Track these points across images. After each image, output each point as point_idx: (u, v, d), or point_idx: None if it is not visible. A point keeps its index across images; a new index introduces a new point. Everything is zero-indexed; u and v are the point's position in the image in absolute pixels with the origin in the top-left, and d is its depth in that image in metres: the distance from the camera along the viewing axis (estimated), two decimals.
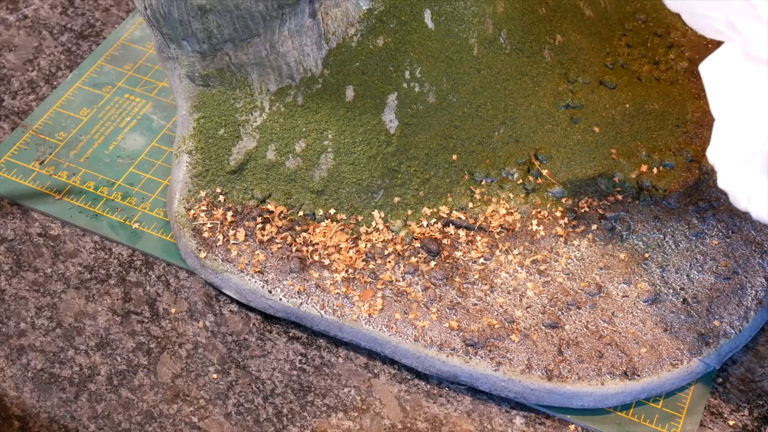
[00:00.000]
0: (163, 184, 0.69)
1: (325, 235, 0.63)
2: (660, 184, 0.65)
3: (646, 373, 0.57)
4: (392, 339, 0.59)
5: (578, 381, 0.57)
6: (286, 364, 0.60)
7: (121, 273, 0.65)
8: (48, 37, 0.80)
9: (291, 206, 0.64)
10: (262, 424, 0.58)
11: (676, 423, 0.57)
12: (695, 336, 0.59)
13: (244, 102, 0.64)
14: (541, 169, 0.65)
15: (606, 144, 0.67)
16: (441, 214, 0.64)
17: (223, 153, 0.64)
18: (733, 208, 0.64)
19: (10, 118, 0.74)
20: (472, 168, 0.65)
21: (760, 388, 0.59)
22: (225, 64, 0.62)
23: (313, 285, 0.61)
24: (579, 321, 0.59)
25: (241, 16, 0.59)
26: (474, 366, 0.57)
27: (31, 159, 0.71)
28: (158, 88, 0.76)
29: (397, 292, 0.61)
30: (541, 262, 0.62)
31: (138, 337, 0.62)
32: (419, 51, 0.63)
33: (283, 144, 0.64)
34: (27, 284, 0.64)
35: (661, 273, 0.62)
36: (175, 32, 0.60)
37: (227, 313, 0.63)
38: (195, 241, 0.63)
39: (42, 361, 0.60)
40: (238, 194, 0.64)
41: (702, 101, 0.70)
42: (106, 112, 0.74)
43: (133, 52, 0.78)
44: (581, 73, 0.70)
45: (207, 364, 0.60)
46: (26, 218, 0.68)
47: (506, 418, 0.58)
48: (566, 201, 0.65)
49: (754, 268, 0.61)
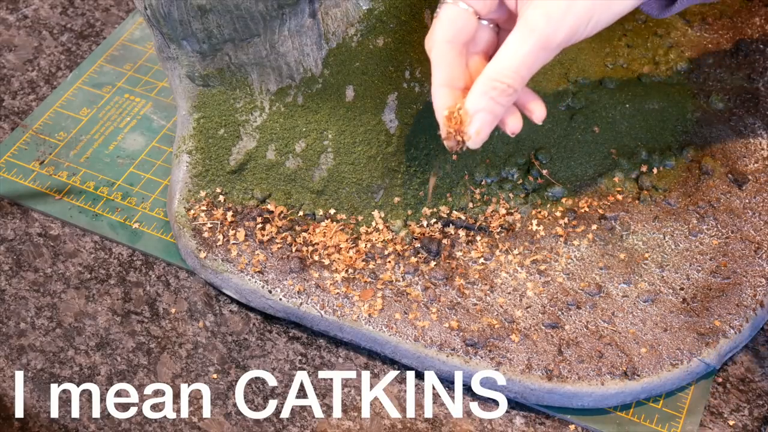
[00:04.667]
0: (163, 184, 0.69)
1: (325, 235, 0.63)
2: (660, 184, 0.65)
3: (646, 373, 0.57)
4: (392, 339, 0.59)
5: (578, 381, 0.57)
6: (286, 364, 0.60)
7: (121, 273, 0.65)
8: (48, 37, 0.80)
9: (291, 206, 0.64)
10: (262, 424, 0.58)
11: (676, 423, 0.57)
12: (695, 336, 0.59)
13: (244, 102, 0.63)
14: (541, 169, 0.65)
15: (606, 144, 0.67)
16: (441, 214, 0.64)
17: (223, 153, 0.64)
18: (734, 207, 0.64)
19: (10, 118, 0.74)
20: (472, 168, 0.65)
21: (760, 388, 0.59)
22: (225, 64, 0.62)
23: (313, 285, 0.61)
24: (579, 321, 0.59)
25: (241, 16, 0.59)
26: (474, 366, 0.57)
27: (31, 159, 0.71)
28: (158, 88, 0.76)
29: (397, 292, 0.61)
30: (541, 262, 0.62)
31: (138, 337, 0.62)
32: (419, 51, 0.63)
33: (283, 144, 0.64)
34: (27, 284, 0.64)
35: (660, 273, 0.61)
36: (175, 32, 0.60)
37: (227, 313, 0.63)
38: (195, 241, 0.63)
39: (42, 360, 0.60)
40: (238, 194, 0.64)
41: (702, 101, 0.70)
42: (106, 112, 0.74)
43: (133, 52, 0.78)
44: (581, 73, 0.70)
45: (207, 364, 0.60)
46: (26, 218, 0.68)
47: (506, 418, 0.58)
48: (566, 201, 0.65)
49: (753, 268, 0.61)
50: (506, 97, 0.51)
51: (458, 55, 0.53)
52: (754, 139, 0.68)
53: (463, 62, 0.53)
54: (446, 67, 0.53)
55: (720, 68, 0.72)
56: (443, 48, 0.53)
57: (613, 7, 0.51)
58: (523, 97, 0.54)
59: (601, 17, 0.51)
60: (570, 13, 0.50)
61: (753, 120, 0.69)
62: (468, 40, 0.53)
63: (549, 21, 0.50)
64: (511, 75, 0.50)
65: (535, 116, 0.54)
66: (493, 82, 0.51)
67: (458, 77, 0.53)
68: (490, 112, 0.51)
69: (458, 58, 0.53)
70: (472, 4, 0.52)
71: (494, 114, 0.52)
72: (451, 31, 0.52)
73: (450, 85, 0.53)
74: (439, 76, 0.53)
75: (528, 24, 0.50)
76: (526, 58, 0.50)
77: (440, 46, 0.53)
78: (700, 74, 0.72)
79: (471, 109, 0.51)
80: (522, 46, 0.50)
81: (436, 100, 0.53)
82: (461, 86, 0.53)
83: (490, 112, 0.51)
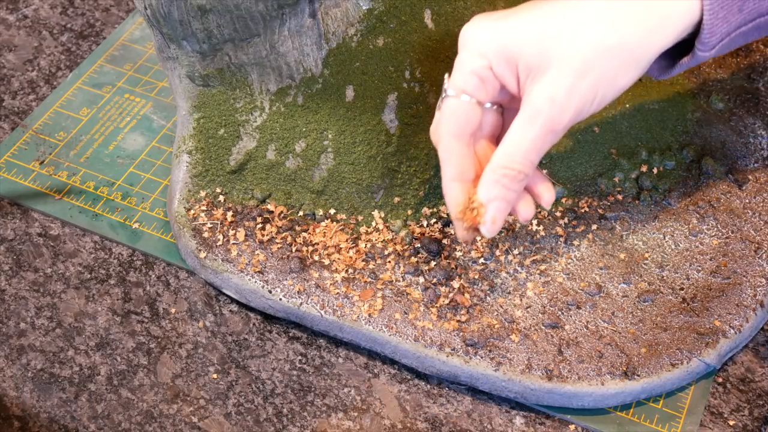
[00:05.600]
0: (163, 184, 0.69)
1: (325, 235, 0.63)
2: (660, 184, 0.65)
3: (646, 373, 0.57)
4: (392, 339, 0.59)
5: (578, 381, 0.57)
6: (286, 364, 0.60)
7: (121, 273, 0.65)
8: (48, 37, 0.80)
9: (291, 206, 0.64)
10: (262, 424, 0.58)
11: (676, 423, 0.57)
12: (695, 336, 0.59)
13: (244, 102, 0.63)
14: (541, 169, 0.65)
15: (606, 144, 0.67)
16: (441, 214, 0.64)
17: (223, 153, 0.64)
18: (734, 207, 0.64)
19: (10, 118, 0.74)
20: None
21: (760, 388, 0.59)
22: (225, 64, 0.62)
23: (313, 285, 0.61)
24: (579, 321, 0.59)
25: (241, 16, 0.59)
26: (474, 366, 0.57)
27: (31, 159, 0.71)
28: (158, 88, 0.76)
29: (397, 292, 0.61)
30: (541, 262, 0.62)
31: (138, 337, 0.62)
32: (419, 51, 0.63)
33: (283, 144, 0.64)
34: (27, 284, 0.64)
35: (660, 273, 0.61)
36: (175, 32, 0.60)
37: (227, 313, 0.63)
38: (195, 241, 0.63)
39: (42, 361, 0.60)
40: (238, 194, 0.64)
41: (702, 101, 0.70)
42: (106, 112, 0.74)
43: (133, 52, 0.78)
44: None
45: (207, 364, 0.60)
46: (26, 218, 0.68)
47: (506, 418, 0.58)
48: (566, 201, 0.65)
49: (753, 268, 0.61)
50: (518, 183, 0.51)
51: (466, 146, 0.52)
52: (754, 139, 0.68)
53: (471, 153, 0.53)
54: (456, 161, 0.52)
55: (720, 68, 0.72)
56: (450, 142, 0.52)
57: (617, 83, 0.50)
58: (531, 180, 0.53)
59: (606, 93, 0.50)
60: (574, 94, 0.49)
61: (753, 120, 0.69)
62: (474, 131, 0.53)
63: (553, 104, 0.49)
64: (520, 161, 0.50)
65: (544, 201, 0.54)
66: (503, 170, 0.50)
67: (468, 169, 0.53)
68: (503, 200, 0.51)
69: (466, 150, 0.52)
70: (474, 94, 0.52)
71: (507, 201, 0.51)
72: (456, 125, 0.52)
73: (461, 179, 0.53)
74: (449, 172, 0.52)
75: (533, 108, 0.49)
76: (534, 143, 0.50)
77: (447, 141, 0.52)
78: (700, 74, 0.72)
79: (484, 199, 0.51)
80: (529, 132, 0.49)
81: (448, 197, 0.53)
82: (472, 178, 0.53)
83: (503, 200, 0.51)
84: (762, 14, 0.51)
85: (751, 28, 0.51)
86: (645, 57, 0.50)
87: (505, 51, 0.50)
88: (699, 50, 0.51)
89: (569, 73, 0.48)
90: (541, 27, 0.49)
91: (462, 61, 0.52)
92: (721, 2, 0.49)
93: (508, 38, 0.50)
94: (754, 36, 0.52)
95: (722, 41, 0.51)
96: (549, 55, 0.49)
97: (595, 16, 0.49)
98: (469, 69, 0.51)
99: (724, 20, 0.50)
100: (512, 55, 0.50)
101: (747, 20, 0.51)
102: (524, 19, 0.50)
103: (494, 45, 0.50)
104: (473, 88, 0.51)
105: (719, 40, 0.50)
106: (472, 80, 0.51)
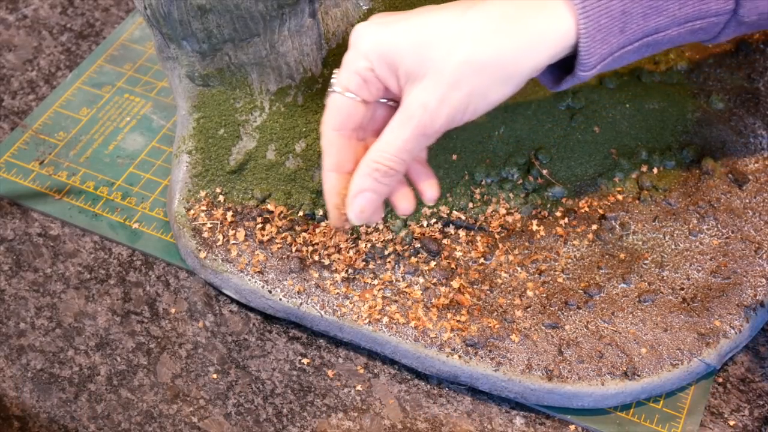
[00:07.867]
0: (163, 184, 0.69)
1: (325, 235, 0.63)
2: (660, 184, 0.65)
3: (646, 373, 0.57)
4: (392, 339, 0.59)
5: (578, 381, 0.57)
6: (286, 364, 0.60)
7: (120, 273, 0.65)
8: (48, 37, 0.80)
9: (291, 206, 0.64)
10: (262, 424, 0.58)
11: (676, 423, 0.57)
12: (695, 336, 0.59)
13: (244, 102, 0.63)
14: (541, 169, 0.65)
15: (606, 144, 0.67)
16: (441, 214, 0.64)
17: (223, 153, 0.64)
18: (734, 207, 0.64)
19: (10, 118, 0.74)
20: (472, 168, 0.65)
21: (760, 388, 0.59)
22: (225, 64, 0.62)
23: (313, 285, 0.61)
24: (579, 321, 0.59)
25: (241, 16, 0.59)
26: (474, 366, 0.57)
27: (31, 159, 0.71)
28: (158, 88, 0.76)
29: (397, 292, 0.61)
30: (541, 262, 0.62)
31: (138, 337, 0.62)
32: None
33: (283, 144, 0.64)
34: (27, 284, 0.64)
35: (660, 273, 0.61)
36: (175, 32, 0.60)
37: (227, 313, 0.63)
38: (195, 241, 0.63)
39: (42, 361, 0.60)
40: (238, 194, 0.64)
41: (702, 101, 0.70)
42: (105, 112, 0.74)
43: (133, 52, 0.78)
44: None
45: (207, 364, 0.60)
46: (26, 218, 0.68)
47: (506, 418, 0.58)
48: (566, 201, 0.65)
49: (754, 268, 0.61)
50: (388, 178, 0.53)
51: (346, 140, 0.55)
52: (754, 139, 0.68)
53: (352, 147, 0.55)
54: (334, 152, 0.55)
55: (720, 68, 0.72)
56: (331, 135, 0.55)
57: (489, 96, 0.51)
58: (415, 176, 0.56)
59: (478, 106, 0.52)
60: (445, 104, 0.51)
61: (753, 120, 0.69)
62: (356, 127, 0.55)
63: (425, 111, 0.51)
64: (390, 158, 0.53)
65: (426, 197, 0.56)
66: (375, 164, 0.53)
67: (346, 161, 0.55)
68: (373, 191, 0.54)
69: (346, 144, 0.55)
70: (357, 93, 0.53)
71: (378, 193, 0.54)
72: (338, 119, 0.54)
73: (338, 170, 0.55)
74: (328, 162, 0.55)
75: (407, 112, 0.52)
76: (405, 144, 0.52)
77: (328, 134, 0.55)
78: (700, 74, 0.72)
79: (354, 189, 0.54)
80: (402, 133, 0.52)
81: (325, 185, 0.56)
82: (350, 169, 0.55)
83: (373, 191, 0.54)
84: (648, 34, 0.52)
85: (639, 47, 0.52)
86: (517, 74, 0.51)
87: (386, 56, 0.52)
88: (579, 70, 0.52)
89: (442, 84, 0.50)
90: (422, 36, 0.51)
91: (348, 61, 0.53)
92: (597, 25, 0.50)
93: (389, 44, 0.52)
94: (644, 53, 0.53)
95: (604, 61, 0.52)
96: (426, 65, 0.51)
97: (472, 31, 0.50)
98: (354, 69, 0.53)
99: (602, 42, 0.51)
100: (393, 61, 0.52)
101: (632, 40, 0.52)
102: (408, 25, 0.52)
103: (377, 49, 0.52)
104: (356, 87, 0.53)
105: (599, 61, 0.51)
106: (355, 80, 0.53)
